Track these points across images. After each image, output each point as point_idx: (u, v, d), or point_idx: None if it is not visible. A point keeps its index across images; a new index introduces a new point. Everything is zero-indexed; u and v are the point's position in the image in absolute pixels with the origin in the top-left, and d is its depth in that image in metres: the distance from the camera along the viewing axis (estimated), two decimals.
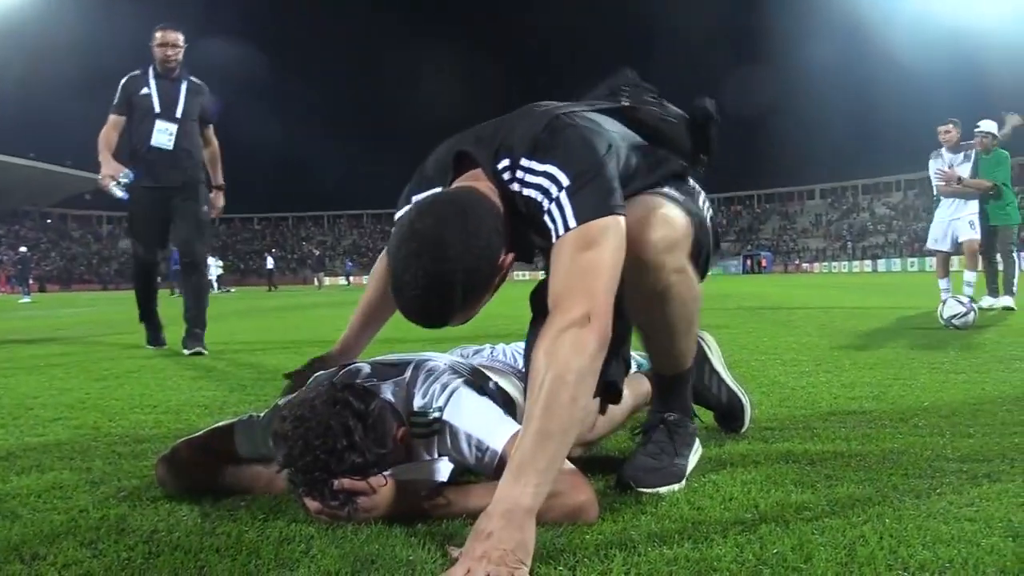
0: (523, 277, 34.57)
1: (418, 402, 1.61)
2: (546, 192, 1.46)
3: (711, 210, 1.83)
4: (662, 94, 1.94)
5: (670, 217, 1.59)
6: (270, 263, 41.43)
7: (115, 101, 5.36)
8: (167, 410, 2.85)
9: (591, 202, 1.43)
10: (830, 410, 2.54)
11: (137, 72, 5.41)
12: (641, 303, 1.64)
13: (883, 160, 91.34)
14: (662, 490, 1.65)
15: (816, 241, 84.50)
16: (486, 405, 1.62)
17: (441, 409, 1.59)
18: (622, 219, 1.45)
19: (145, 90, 5.34)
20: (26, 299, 24.37)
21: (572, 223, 1.42)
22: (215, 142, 5.80)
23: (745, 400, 2.23)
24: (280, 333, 7.16)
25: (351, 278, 53.44)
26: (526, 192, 1.49)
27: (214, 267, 32.43)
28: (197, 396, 2.53)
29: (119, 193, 5.10)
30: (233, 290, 38.31)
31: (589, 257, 1.40)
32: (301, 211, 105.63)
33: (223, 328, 7.73)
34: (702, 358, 2.21)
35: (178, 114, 5.37)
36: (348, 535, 1.37)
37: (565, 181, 1.44)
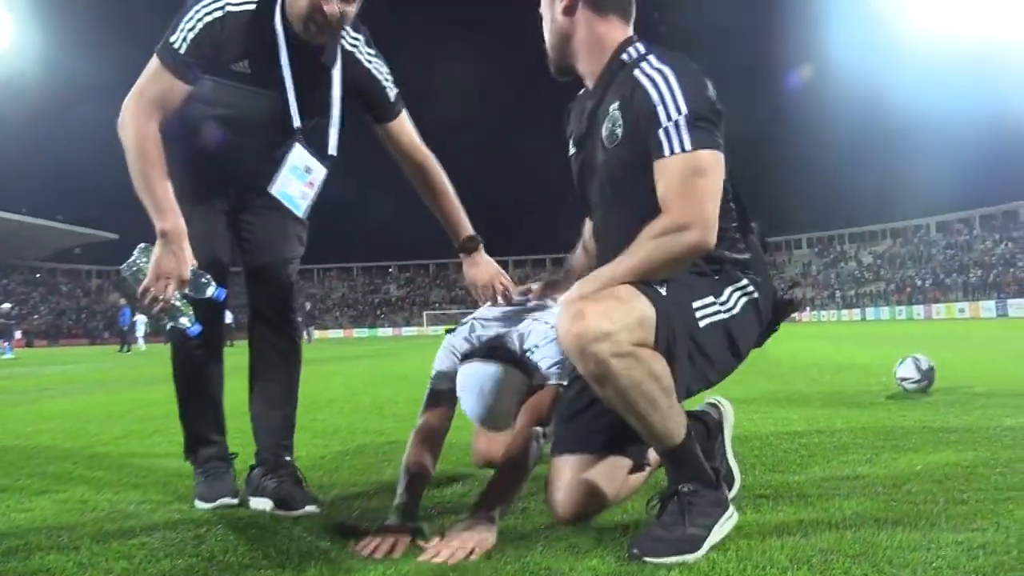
0: None
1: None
2: (667, 111, 1.76)
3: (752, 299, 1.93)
4: None
5: (609, 312, 1.67)
6: (228, 317, 39.78)
7: (178, 43, 2.11)
8: (156, 482, 2.82)
9: (705, 137, 1.74)
10: (823, 475, 2.53)
11: (250, 7, 2.17)
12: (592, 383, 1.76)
13: (868, 209, 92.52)
14: (668, 560, 1.64)
15: (804, 290, 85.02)
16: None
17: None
18: (719, 154, 1.76)
19: (243, 65, 2.21)
20: (8, 355, 24.17)
21: (688, 147, 1.73)
22: None
23: (738, 476, 2.26)
24: None
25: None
26: (643, 80, 1.82)
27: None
28: (187, 466, 2.49)
29: (191, 326, 2.20)
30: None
31: (700, 181, 1.72)
32: None
33: None
34: (717, 426, 2.25)
35: (331, 145, 2.35)
36: None
37: (685, 110, 1.74)
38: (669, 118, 1.75)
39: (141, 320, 30.26)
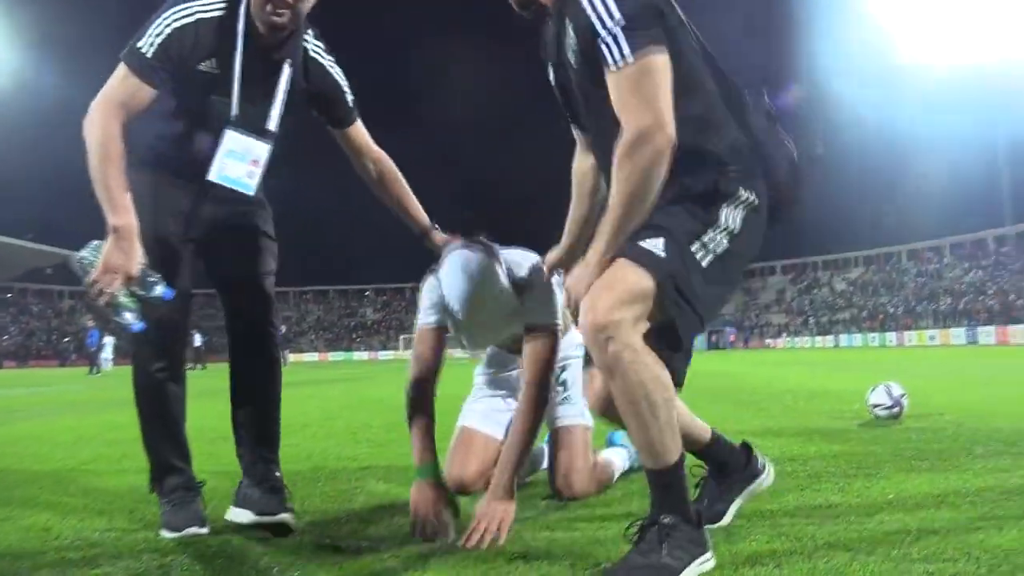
0: None
1: None
2: (601, 20, 1.79)
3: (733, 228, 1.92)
4: None
5: (619, 301, 1.76)
6: (197, 340, 38.25)
7: (144, 46, 2.21)
8: (122, 509, 2.77)
9: (642, 41, 1.76)
10: (797, 504, 2.54)
11: (220, 12, 2.29)
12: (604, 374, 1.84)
13: (841, 236, 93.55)
14: None
15: (779, 317, 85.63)
16: None
17: None
18: (657, 52, 1.78)
19: (210, 64, 2.31)
20: None
21: (629, 56, 1.76)
22: None
23: (726, 520, 2.30)
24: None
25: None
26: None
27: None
28: (153, 496, 2.45)
29: (131, 319, 2.15)
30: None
31: (647, 85, 1.75)
32: None
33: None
34: (750, 474, 2.36)
35: (271, 125, 2.44)
36: None
37: (618, 15, 1.77)
38: (605, 28, 1.79)
39: (109, 341, 29.85)
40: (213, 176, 2.34)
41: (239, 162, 2.37)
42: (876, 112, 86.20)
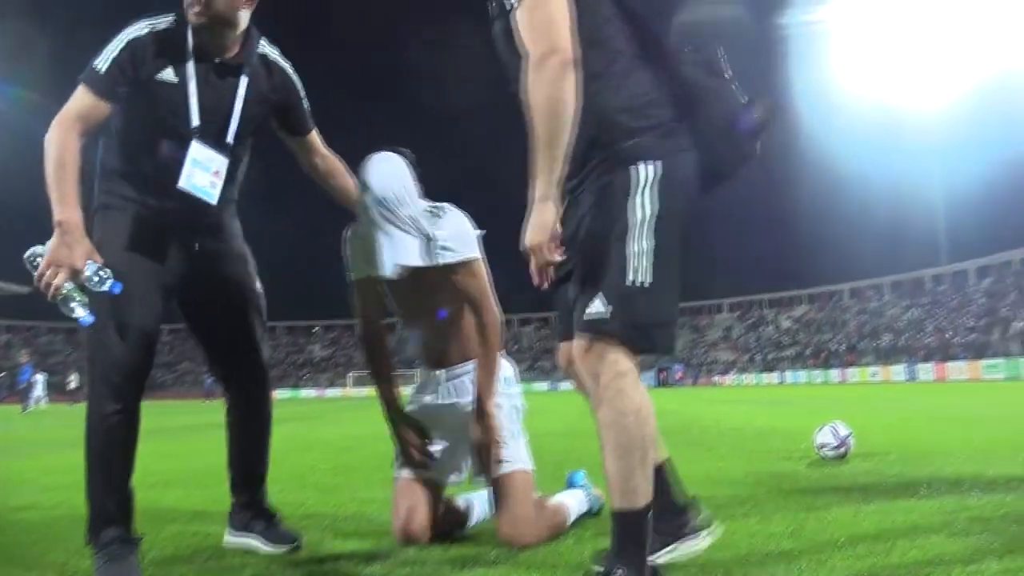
0: None
1: None
2: None
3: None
4: None
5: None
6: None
7: (104, 64, 2.33)
8: (53, 563, 2.63)
9: None
10: (748, 551, 2.52)
11: (167, 27, 2.42)
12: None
13: (786, 274, 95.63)
14: None
15: (726, 354, 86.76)
16: None
17: None
18: None
19: (168, 74, 2.41)
20: None
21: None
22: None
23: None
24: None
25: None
26: None
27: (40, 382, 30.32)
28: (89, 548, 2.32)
29: (80, 312, 2.19)
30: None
31: (539, 15, 1.85)
32: None
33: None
34: (688, 528, 2.28)
35: (230, 137, 2.53)
36: None
37: None
38: None
39: (41, 379, 28.97)
40: (183, 183, 2.41)
41: (204, 172, 2.46)
42: (820, 154, 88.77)
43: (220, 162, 2.50)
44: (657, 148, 1.93)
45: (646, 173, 1.92)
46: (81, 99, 2.32)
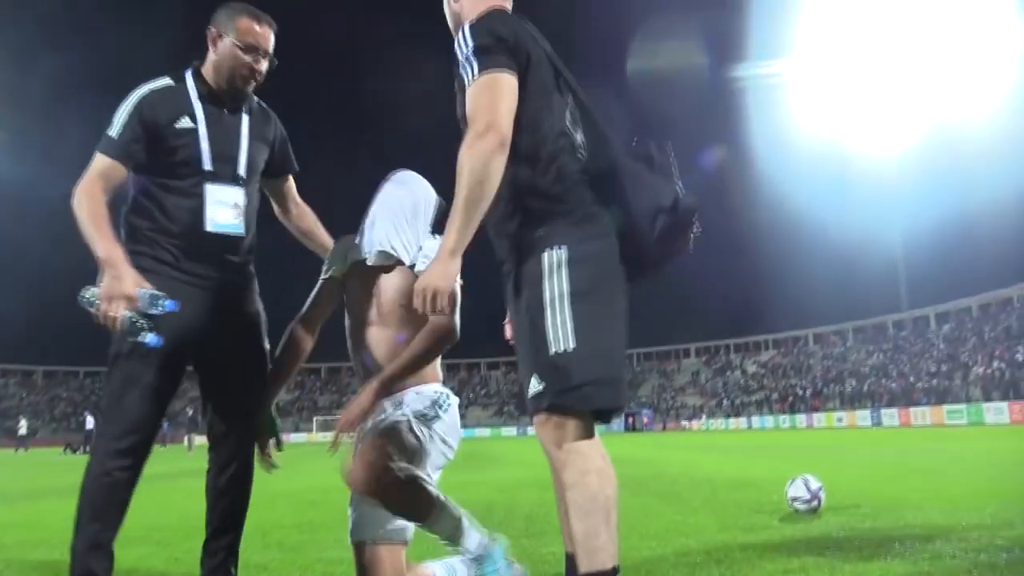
0: None
1: None
2: (463, 51, 2.06)
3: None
4: None
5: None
6: (90, 423, 35.82)
7: (116, 131, 2.53)
8: None
9: (486, 61, 2.01)
10: None
11: (169, 83, 2.66)
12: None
13: (751, 320, 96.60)
14: None
15: (693, 398, 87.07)
16: None
17: None
18: (500, 73, 2.01)
19: (185, 122, 2.62)
20: None
21: (476, 73, 2.01)
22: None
23: None
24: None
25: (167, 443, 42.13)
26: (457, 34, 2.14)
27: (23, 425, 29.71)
28: None
29: (150, 338, 2.33)
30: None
31: (487, 95, 1.98)
32: None
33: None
34: None
35: (242, 171, 2.72)
36: None
37: (471, 44, 2.03)
38: (464, 56, 2.05)
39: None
40: (209, 227, 2.60)
41: (225, 208, 2.64)
42: (782, 202, 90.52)
43: (237, 193, 2.69)
44: (564, 235, 2.05)
45: (553, 258, 2.03)
46: (100, 163, 2.51)
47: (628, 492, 6.60)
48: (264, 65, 2.67)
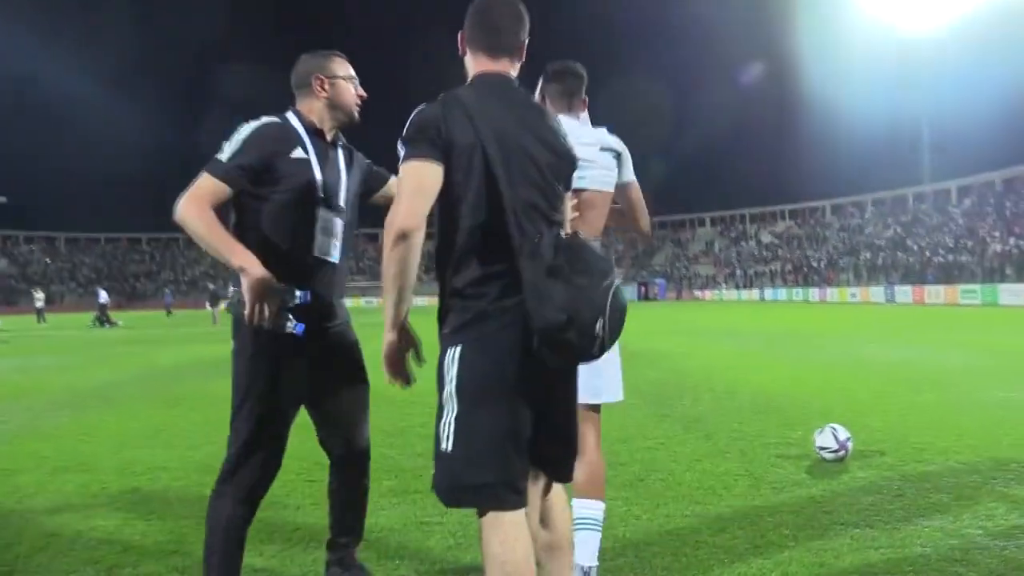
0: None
1: None
2: (399, 141, 2.17)
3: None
4: None
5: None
6: (103, 296, 37.49)
7: (227, 156, 2.74)
8: None
9: (409, 152, 2.13)
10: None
11: (277, 120, 2.91)
12: None
13: (767, 190, 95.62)
14: None
15: (707, 268, 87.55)
16: None
17: None
18: (418, 162, 2.11)
19: (300, 152, 2.86)
20: None
21: (401, 163, 2.15)
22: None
23: None
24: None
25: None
26: None
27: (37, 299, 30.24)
28: None
29: (292, 324, 2.67)
30: (120, 322, 36.34)
31: (404, 185, 2.12)
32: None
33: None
34: None
35: (343, 201, 2.98)
36: None
37: (404, 135, 2.16)
38: (399, 145, 2.17)
39: None
40: (315, 251, 2.82)
41: (328, 237, 2.86)
42: (805, 76, 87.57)
43: (339, 224, 2.92)
44: (461, 335, 2.13)
45: (449, 357, 2.14)
46: (206, 182, 2.67)
47: (653, 420, 6.76)
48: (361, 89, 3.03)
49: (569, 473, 2.34)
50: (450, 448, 2.07)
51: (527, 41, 2.34)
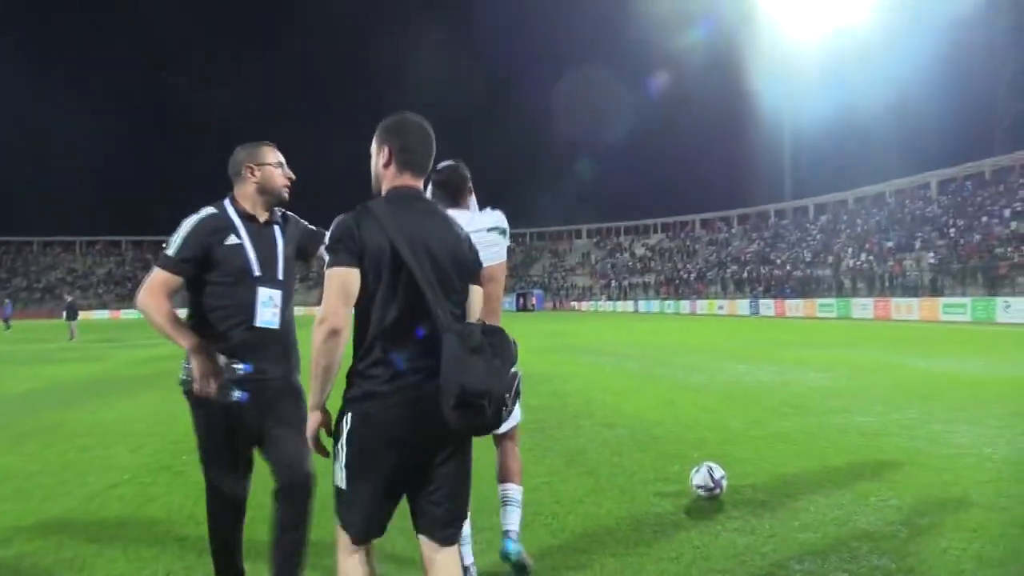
0: None
1: None
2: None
3: None
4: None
5: None
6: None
7: (172, 251, 3.21)
8: None
9: (331, 259, 2.50)
10: None
11: (213, 211, 3.34)
12: None
13: (641, 204, 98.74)
14: None
15: (583, 279, 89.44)
16: None
17: None
18: (339, 269, 2.47)
19: (233, 239, 3.29)
20: None
21: (326, 268, 2.50)
22: None
23: None
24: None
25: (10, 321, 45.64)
26: None
27: None
28: None
29: (238, 394, 3.19)
30: None
31: (326, 286, 2.46)
32: (48, 234, 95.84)
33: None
34: None
35: (280, 275, 3.41)
36: None
37: (327, 240, 2.54)
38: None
39: None
40: (259, 323, 3.28)
41: (268, 308, 3.31)
42: (679, 91, 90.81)
43: (276, 295, 3.37)
44: (355, 406, 2.52)
45: (345, 419, 2.53)
46: (159, 276, 3.20)
47: (530, 435, 6.79)
48: (289, 171, 3.51)
49: (452, 536, 2.61)
50: (344, 487, 2.55)
51: (433, 158, 2.76)
